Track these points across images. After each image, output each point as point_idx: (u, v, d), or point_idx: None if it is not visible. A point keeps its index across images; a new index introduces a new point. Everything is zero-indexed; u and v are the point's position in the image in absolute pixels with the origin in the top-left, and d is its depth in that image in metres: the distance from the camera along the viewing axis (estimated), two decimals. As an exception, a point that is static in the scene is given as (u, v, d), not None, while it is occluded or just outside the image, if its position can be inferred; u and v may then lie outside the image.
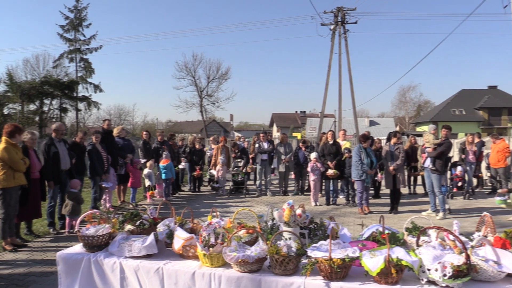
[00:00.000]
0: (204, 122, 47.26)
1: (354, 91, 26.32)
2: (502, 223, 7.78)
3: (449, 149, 8.57)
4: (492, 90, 52.15)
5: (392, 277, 2.48)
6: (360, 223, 3.99)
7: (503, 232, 3.03)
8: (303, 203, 3.48)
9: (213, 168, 12.24)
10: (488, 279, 2.51)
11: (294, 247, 2.73)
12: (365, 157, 8.94)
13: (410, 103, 69.56)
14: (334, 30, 26.00)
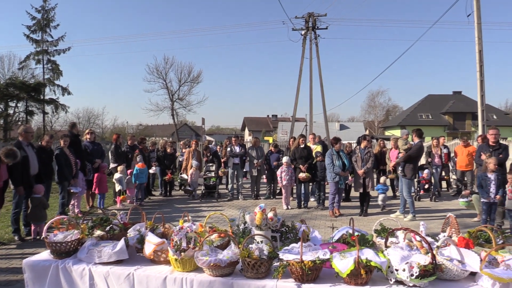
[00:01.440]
0: (175, 126, 46.80)
1: (324, 95, 26.71)
2: (466, 224, 8.03)
3: (418, 153, 8.76)
4: (457, 96, 53.89)
5: (362, 278, 2.53)
6: (331, 225, 4.05)
7: (467, 233, 3.14)
8: (275, 207, 3.50)
9: (184, 172, 12.15)
10: (453, 277, 2.59)
11: (266, 250, 2.74)
12: (336, 159, 9.07)
13: (379, 108, 71.08)
14: (305, 35, 26.33)
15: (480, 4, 16.20)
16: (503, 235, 3.22)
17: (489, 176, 7.15)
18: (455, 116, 50.33)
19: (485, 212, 7.24)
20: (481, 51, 16.08)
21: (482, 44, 16.13)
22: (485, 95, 16.31)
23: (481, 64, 16.06)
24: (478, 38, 16.11)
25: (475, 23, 16.21)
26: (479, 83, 16.15)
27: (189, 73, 45.12)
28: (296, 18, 26.60)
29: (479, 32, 16.13)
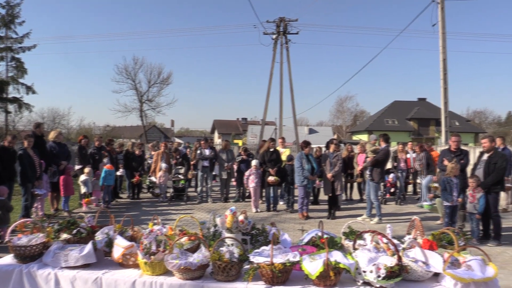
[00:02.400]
0: (144, 128, 46.14)
1: (294, 99, 26.96)
2: (430, 226, 8.28)
3: (385, 157, 8.97)
4: (421, 102, 55.54)
5: (331, 279, 2.57)
6: (300, 228, 4.10)
7: (431, 235, 3.25)
8: (245, 210, 3.52)
9: (153, 175, 11.99)
10: (418, 278, 2.68)
11: (236, 253, 2.75)
12: (306, 163, 9.17)
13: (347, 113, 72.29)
14: (276, 39, 26.55)
15: (444, 15, 16.80)
16: (464, 237, 3.34)
17: (452, 180, 7.40)
18: (419, 122, 51.84)
19: (448, 215, 7.48)
20: (445, 60, 16.65)
21: (446, 53, 16.72)
22: (448, 102, 16.88)
23: (445, 72, 16.63)
24: (442, 47, 16.68)
25: (439, 32, 16.79)
26: (443, 90, 16.71)
27: (159, 74, 44.67)
28: (267, 22, 26.82)
29: (443, 42, 16.71)
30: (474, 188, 7.11)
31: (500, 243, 7.09)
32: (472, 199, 7.13)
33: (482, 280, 2.58)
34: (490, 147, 7.37)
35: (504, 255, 6.53)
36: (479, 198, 7.06)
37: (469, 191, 7.17)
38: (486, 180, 7.13)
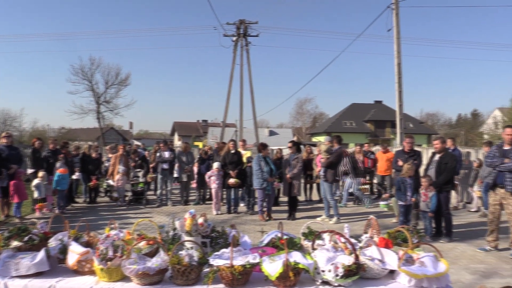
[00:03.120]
0: (101, 130, 44.85)
1: (255, 101, 27.07)
2: (386, 225, 8.53)
3: (338, 159, 9.18)
4: (378, 105, 57.21)
5: (290, 280, 2.59)
6: (260, 230, 4.11)
7: (386, 233, 3.35)
8: (205, 212, 3.49)
9: (110, 178, 11.69)
10: (374, 276, 2.75)
11: (196, 256, 2.72)
12: (264, 165, 9.22)
13: (306, 115, 73.45)
14: (236, 41, 26.57)
15: (399, 21, 17.39)
16: (418, 235, 3.46)
17: (407, 180, 7.66)
18: (376, 124, 53.39)
19: (402, 214, 7.73)
20: (399, 64, 17.23)
21: (400, 57, 17.30)
22: (403, 105, 17.47)
23: (400, 76, 17.21)
24: (397, 52, 17.25)
25: (394, 37, 17.37)
26: (398, 93, 17.28)
27: (117, 75, 43.52)
28: (227, 24, 26.80)
29: (398, 46, 17.28)
30: (427, 187, 7.40)
31: (451, 240, 7.41)
32: (425, 198, 7.41)
33: (434, 275, 2.67)
34: (442, 148, 7.68)
35: (455, 250, 6.82)
36: (431, 197, 7.35)
37: (422, 191, 7.45)
38: (438, 179, 7.43)
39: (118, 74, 43.68)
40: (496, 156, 6.50)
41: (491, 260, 6.29)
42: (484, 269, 5.84)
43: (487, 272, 5.68)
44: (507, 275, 5.57)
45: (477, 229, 8.37)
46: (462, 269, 5.81)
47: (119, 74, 43.72)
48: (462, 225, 8.88)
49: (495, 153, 6.57)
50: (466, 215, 10.16)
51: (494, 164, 6.48)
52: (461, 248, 6.97)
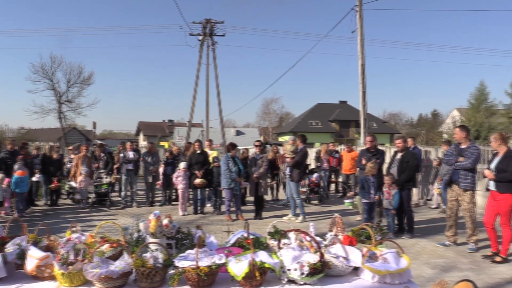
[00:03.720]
0: (63, 130, 43.52)
1: (221, 101, 26.99)
2: (350, 222, 8.70)
3: (303, 158, 9.27)
4: (342, 105, 58.21)
5: (256, 279, 2.59)
6: (226, 230, 4.10)
7: (351, 231, 3.41)
8: (170, 213, 3.44)
9: (73, 180, 11.35)
10: (339, 273, 2.79)
11: (161, 258, 2.68)
12: (233, 165, 9.20)
13: (273, 115, 73.88)
14: (203, 41, 26.38)
15: (363, 23, 17.76)
16: (381, 232, 3.54)
17: (370, 178, 7.83)
18: (341, 124, 54.33)
19: (366, 212, 7.90)
20: (363, 65, 17.59)
21: (364, 58, 17.67)
22: (367, 105, 17.86)
23: (364, 76, 17.57)
24: (361, 53, 17.61)
25: (358, 39, 17.71)
26: (362, 94, 17.64)
27: (79, 74, 42.26)
28: (193, 23, 26.55)
29: (362, 48, 17.64)
30: (389, 185, 7.59)
31: (413, 236, 7.64)
32: (387, 196, 7.60)
33: (396, 271, 2.74)
34: (403, 147, 7.91)
35: (417, 246, 7.03)
36: (394, 194, 7.55)
37: (385, 188, 7.64)
38: (400, 177, 7.63)
39: (81, 72, 42.46)
40: (453, 154, 6.76)
41: (450, 254, 6.52)
42: (444, 263, 6.05)
43: (447, 266, 5.88)
44: (465, 268, 5.80)
45: (437, 225, 8.66)
46: (423, 264, 6.00)
47: (81, 72, 42.51)
48: (423, 221, 9.16)
49: (452, 151, 6.83)
50: (427, 212, 10.49)
51: (450, 162, 6.75)
52: (422, 244, 7.19)
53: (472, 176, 6.54)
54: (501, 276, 5.47)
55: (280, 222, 3.76)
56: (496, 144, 6.24)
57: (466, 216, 6.69)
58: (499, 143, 6.20)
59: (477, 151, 6.58)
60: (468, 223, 6.72)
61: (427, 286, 4.82)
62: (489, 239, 6.32)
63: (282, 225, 3.80)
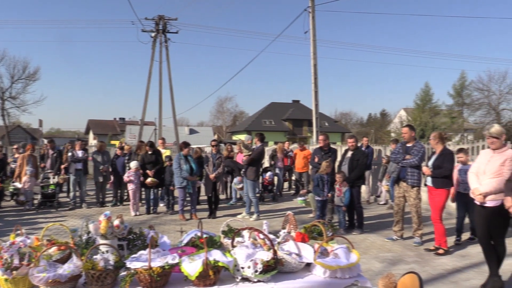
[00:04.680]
0: (6, 128, 41.33)
1: (174, 99, 26.63)
2: (303, 220, 8.85)
3: (260, 156, 9.34)
4: (295, 104, 59.10)
5: (210, 278, 2.60)
6: (180, 229, 4.06)
7: (303, 228, 3.48)
8: (121, 214, 3.37)
9: (17, 180, 10.80)
10: (292, 269, 2.84)
11: (112, 260, 2.62)
12: (184, 163, 9.11)
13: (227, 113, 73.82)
14: (155, 37, 25.91)
15: (315, 23, 18.08)
16: (332, 228, 3.64)
17: (324, 176, 8.01)
18: (294, 123, 55.14)
19: (319, 209, 8.08)
20: (316, 65, 17.93)
21: (316, 59, 18.01)
22: (319, 105, 18.21)
23: (316, 76, 17.91)
24: (313, 54, 17.93)
25: (311, 39, 18.03)
26: (314, 94, 17.98)
27: (24, 69, 40.36)
28: (146, 19, 26.01)
29: (314, 48, 17.97)
30: (341, 182, 7.80)
31: (363, 231, 7.90)
32: (339, 193, 7.81)
33: (347, 266, 2.83)
34: (355, 145, 8.16)
35: (366, 241, 7.27)
36: (345, 192, 7.77)
37: (336, 186, 7.85)
38: (351, 175, 7.87)
39: (26, 68, 40.58)
40: (400, 152, 7.08)
41: (398, 248, 6.80)
42: (392, 257, 6.30)
43: (394, 260, 6.13)
44: (411, 261, 6.07)
45: (386, 221, 9.00)
46: (372, 258, 6.21)
47: (27, 67, 40.62)
48: (373, 217, 9.49)
49: (399, 150, 7.15)
50: (376, 208, 10.88)
51: (398, 160, 7.06)
52: (371, 239, 7.44)
53: (418, 173, 6.86)
54: (444, 267, 5.77)
55: (234, 220, 3.77)
56: (434, 142, 6.64)
57: (412, 211, 7.01)
58: (437, 142, 6.62)
59: (422, 149, 6.94)
60: (414, 218, 7.03)
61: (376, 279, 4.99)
62: (434, 233, 6.65)
63: (236, 224, 3.82)
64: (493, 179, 4.63)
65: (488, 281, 4.88)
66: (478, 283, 5.00)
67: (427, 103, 42.59)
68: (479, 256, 5.81)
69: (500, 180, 4.57)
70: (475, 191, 4.81)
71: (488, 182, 4.66)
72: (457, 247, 6.85)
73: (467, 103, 44.17)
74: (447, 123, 41.04)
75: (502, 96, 43.41)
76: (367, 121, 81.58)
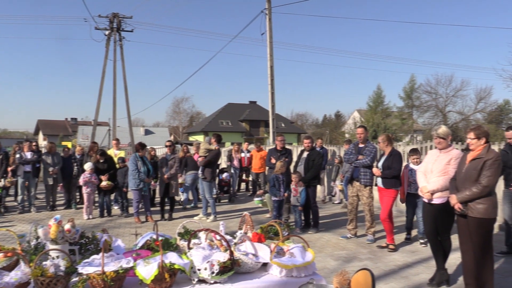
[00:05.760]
0: None
1: (129, 99, 26.07)
2: (260, 220, 8.92)
3: (216, 157, 9.32)
4: (252, 105, 59.35)
5: (166, 281, 2.56)
6: (134, 232, 3.98)
7: (260, 228, 3.51)
8: (73, 218, 3.26)
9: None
10: (248, 270, 2.86)
11: (62, 265, 2.53)
12: (141, 165, 8.94)
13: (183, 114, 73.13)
14: (110, 36, 25.26)
15: (272, 25, 18.25)
16: (288, 228, 3.69)
17: (280, 177, 8.09)
18: (251, 124, 55.36)
19: (275, 209, 8.16)
20: (272, 67, 18.10)
21: (273, 60, 18.18)
22: (275, 106, 18.40)
23: (272, 78, 18.08)
24: (269, 55, 18.09)
25: (267, 41, 18.18)
26: (270, 95, 18.14)
27: (-35, 67, 38.16)
28: (99, 17, 25.31)
29: (271, 50, 18.13)
30: (297, 183, 7.92)
31: (318, 230, 8.06)
32: (295, 193, 7.92)
33: (302, 264, 2.88)
34: (311, 146, 8.31)
35: (321, 240, 7.43)
36: (301, 191, 7.90)
37: (293, 186, 7.96)
38: (306, 175, 8.01)
39: (-33, 65, 38.31)
40: (352, 153, 7.30)
41: (352, 246, 6.99)
42: (346, 254, 6.47)
43: (348, 257, 6.30)
44: (364, 258, 6.25)
45: (340, 219, 9.22)
46: (327, 256, 6.35)
47: (-32, 65, 38.35)
48: (328, 216, 9.70)
49: (352, 150, 7.37)
50: (331, 207, 11.13)
51: (351, 160, 7.27)
52: (326, 238, 7.61)
53: (371, 173, 7.08)
54: (395, 263, 5.99)
55: (191, 222, 3.75)
56: (383, 144, 6.89)
57: (365, 210, 7.23)
58: (386, 144, 6.88)
59: (374, 149, 7.18)
60: (367, 216, 7.25)
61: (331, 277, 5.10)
62: (385, 231, 6.89)
63: (193, 225, 3.79)
64: (440, 178, 4.86)
65: (436, 275, 5.12)
66: (427, 277, 5.23)
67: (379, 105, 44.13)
68: (427, 251, 6.10)
69: (446, 179, 4.80)
70: (423, 189, 5.03)
71: (435, 180, 4.89)
72: (407, 243, 7.13)
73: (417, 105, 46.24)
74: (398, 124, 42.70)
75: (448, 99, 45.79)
76: (322, 122, 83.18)
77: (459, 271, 5.35)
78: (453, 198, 4.51)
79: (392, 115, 44.66)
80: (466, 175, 4.43)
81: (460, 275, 5.10)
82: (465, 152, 4.70)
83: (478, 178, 4.30)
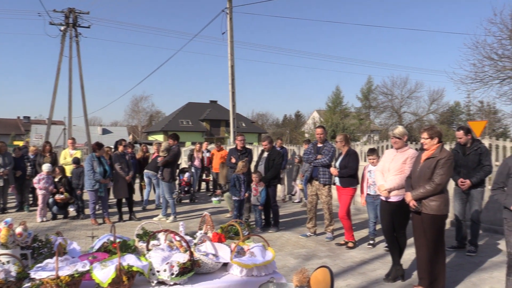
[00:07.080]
0: None
1: (86, 97, 25.32)
2: (220, 220, 8.90)
3: (175, 157, 9.20)
4: (213, 104, 59.15)
5: (124, 284, 2.51)
6: (90, 235, 3.87)
7: (220, 228, 3.50)
8: (25, 220, 3.13)
9: None
10: (209, 270, 2.84)
11: (13, 271, 2.42)
12: (97, 166, 8.69)
13: (142, 113, 71.80)
14: (65, 31, 24.43)
15: (232, 25, 18.21)
16: (248, 227, 3.70)
17: (241, 176, 8.10)
18: (211, 123, 55.16)
19: (236, 209, 8.16)
20: (233, 66, 18.07)
21: (234, 60, 18.15)
22: (236, 105, 18.39)
23: (233, 77, 18.05)
24: (230, 55, 18.05)
25: (228, 41, 18.13)
26: (231, 94, 18.11)
27: None
28: (54, 11, 24.39)
29: (231, 49, 18.10)
30: (257, 182, 7.96)
31: (279, 229, 8.13)
32: (255, 193, 7.96)
33: (262, 263, 2.90)
34: (270, 147, 8.37)
35: (282, 239, 7.50)
36: (261, 191, 7.94)
37: (253, 185, 7.99)
38: (267, 175, 8.06)
39: None
40: (311, 153, 7.42)
41: (311, 244, 7.10)
42: (306, 252, 6.56)
43: (308, 255, 6.40)
44: (323, 256, 6.37)
45: (300, 218, 9.35)
46: (287, 254, 6.42)
47: None
48: (288, 215, 9.81)
49: (311, 150, 7.49)
50: (291, 206, 11.26)
51: (310, 160, 7.39)
52: (286, 236, 7.69)
53: (329, 172, 7.22)
54: (353, 260, 6.14)
55: (150, 223, 3.69)
56: (341, 144, 7.06)
57: (324, 208, 7.36)
58: (343, 144, 7.06)
59: (332, 149, 7.33)
60: (326, 214, 7.39)
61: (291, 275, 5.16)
62: (344, 228, 7.04)
63: (152, 226, 3.73)
64: (396, 176, 5.04)
65: (391, 270, 5.29)
66: (383, 273, 5.40)
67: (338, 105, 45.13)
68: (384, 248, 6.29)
69: (402, 177, 4.98)
70: (380, 187, 5.19)
71: (392, 179, 5.06)
72: (364, 240, 7.32)
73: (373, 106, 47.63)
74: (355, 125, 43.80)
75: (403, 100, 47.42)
76: (282, 122, 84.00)
77: (413, 266, 5.55)
78: (408, 196, 4.67)
79: (350, 115, 45.79)
80: (420, 173, 4.60)
81: (415, 270, 5.30)
82: (420, 152, 4.89)
83: (431, 177, 4.48)
